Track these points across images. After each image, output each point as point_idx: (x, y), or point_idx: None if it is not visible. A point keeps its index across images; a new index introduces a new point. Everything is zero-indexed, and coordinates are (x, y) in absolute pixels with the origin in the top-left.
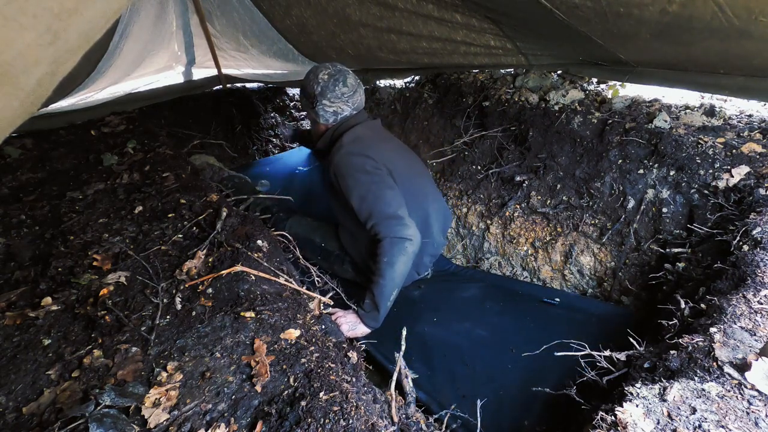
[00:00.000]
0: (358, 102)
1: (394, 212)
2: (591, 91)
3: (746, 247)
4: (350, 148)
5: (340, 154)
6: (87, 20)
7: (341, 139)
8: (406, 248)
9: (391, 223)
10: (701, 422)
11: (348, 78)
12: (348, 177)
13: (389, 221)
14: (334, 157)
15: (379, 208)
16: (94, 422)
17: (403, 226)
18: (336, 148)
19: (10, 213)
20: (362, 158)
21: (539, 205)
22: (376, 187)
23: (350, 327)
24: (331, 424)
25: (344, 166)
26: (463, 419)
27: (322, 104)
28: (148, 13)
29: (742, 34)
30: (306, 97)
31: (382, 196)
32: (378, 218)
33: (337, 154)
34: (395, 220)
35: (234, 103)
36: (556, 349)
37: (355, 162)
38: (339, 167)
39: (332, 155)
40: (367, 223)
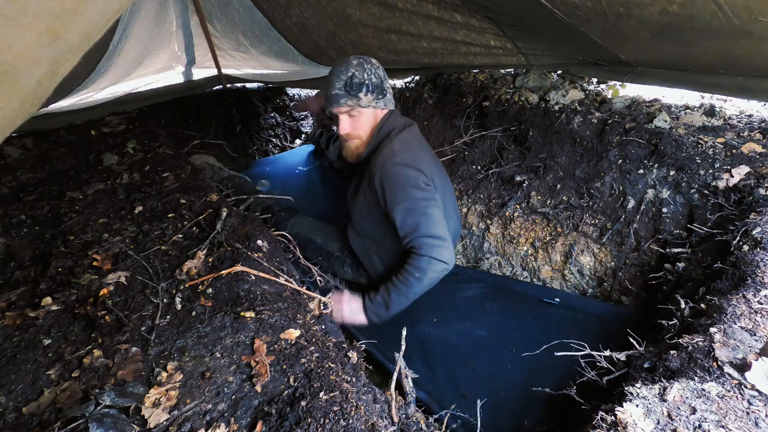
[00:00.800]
0: None
1: (439, 233)
2: (591, 91)
3: (746, 247)
4: (404, 158)
5: (393, 163)
6: (87, 20)
7: (391, 145)
8: (440, 271)
9: (435, 243)
10: (701, 422)
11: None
12: (399, 189)
13: (433, 241)
14: (384, 164)
15: (426, 225)
16: (94, 422)
17: (445, 249)
18: (386, 155)
19: (10, 213)
20: (416, 172)
21: (539, 205)
22: (425, 204)
23: (351, 312)
24: (331, 424)
25: (397, 176)
26: (463, 419)
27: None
28: (148, 13)
29: (742, 34)
30: (372, 89)
31: (430, 214)
32: (422, 235)
33: (389, 163)
34: (439, 241)
35: (234, 103)
36: (556, 349)
37: (409, 175)
38: (390, 176)
39: (381, 162)
40: (408, 236)
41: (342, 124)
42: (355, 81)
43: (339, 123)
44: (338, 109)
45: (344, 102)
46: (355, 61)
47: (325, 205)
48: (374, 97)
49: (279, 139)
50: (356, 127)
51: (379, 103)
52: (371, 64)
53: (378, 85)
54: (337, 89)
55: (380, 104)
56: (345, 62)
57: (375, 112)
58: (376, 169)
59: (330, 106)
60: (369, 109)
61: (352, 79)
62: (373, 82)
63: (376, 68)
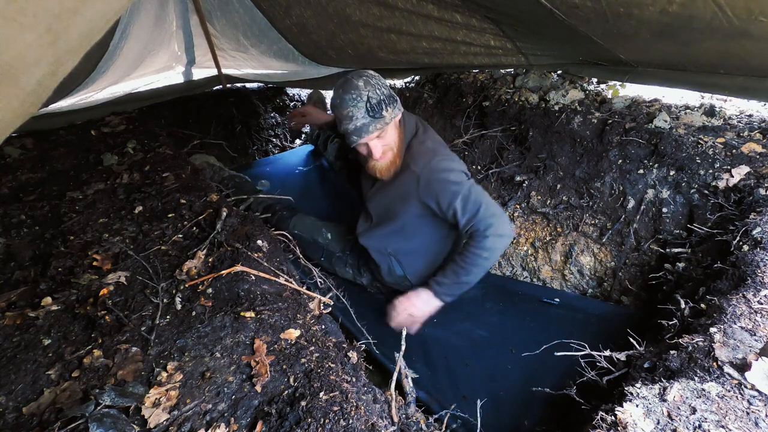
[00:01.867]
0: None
1: (496, 210)
2: (591, 91)
3: (746, 247)
4: (442, 153)
5: (438, 162)
6: (87, 20)
7: (423, 145)
8: (506, 245)
9: (497, 222)
10: (701, 422)
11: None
12: (451, 183)
13: (495, 220)
14: (428, 165)
15: (485, 207)
16: (94, 422)
17: (506, 222)
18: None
19: (10, 213)
20: (457, 163)
21: (539, 205)
22: (476, 188)
23: (423, 303)
24: (331, 424)
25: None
26: (463, 419)
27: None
28: (148, 13)
29: (742, 34)
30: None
31: (483, 195)
32: (484, 217)
33: (433, 162)
34: (499, 218)
35: (234, 103)
36: (556, 350)
37: (453, 167)
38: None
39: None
40: (471, 222)
41: (375, 150)
42: (373, 102)
43: (372, 150)
44: (369, 138)
45: (374, 128)
46: (360, 81)
47: (326, 205)
48: (393, 108)
49: (279, 139)
50: (388, 144)
51: (396, 112)
52: (373, 77)
53: (389, 95)
54: (362, 119)
55: (397, 112)
56: (350, 87)
57: (395, 122)
58: (419, 172)
59: (358, 139)
60: (392, 122)
61: (370, 102)
62: (386, 95)
63: (378, 78)
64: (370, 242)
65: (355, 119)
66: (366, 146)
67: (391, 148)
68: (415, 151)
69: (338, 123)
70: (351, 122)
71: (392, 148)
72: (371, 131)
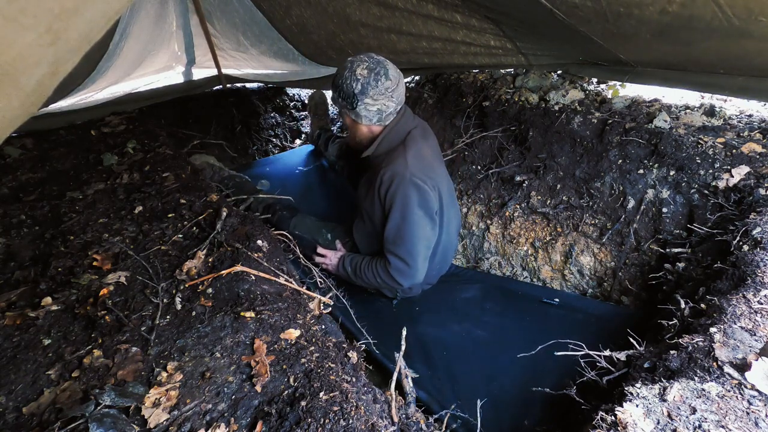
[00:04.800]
0: (401, 95)
1: (414, 261)
2: (591, 91)
3: (746, 247)
4: (415, 171)
5: (404, 178)
6: (87, 20)
7: (405, 155)
8: (392, 287)
9: (404, 268)
10: (701, 422)
11: (389, 69)
12: (401, 206)
13: (404, 266)
14: (395, 175)
15: (407, 249)
16: (94, 422)
17: (410, 277)
18: (397, 165)
19: (10, 213)
20: (423, 191)
21: (539, 205)
22: (417, 230)
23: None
24: (331, 424)
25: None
26: (463, 419)
27: (365, 103)
28: (148, 13)
29: (742, 34)
30: (343, 97)
31: (416, 242)
32: (398, 255)
33: (400, 176)
34: (409, 269)
35: (234, 103)
36: (556, 350)
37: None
38: (398, 189)
39: (392, 171)
40: (387, 246)
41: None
42: (346, 91)
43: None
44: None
45: (336, 106)
46: (363, 70)
47: (326, 205)
48: (358, 115)
49: (279, 139)
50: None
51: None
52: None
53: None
54: (335, 92)
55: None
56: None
57: (359, 126)
58: (385, 179)
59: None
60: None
61: (344, 89)
62: (344, 91)
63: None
64: (362, 241)
65: (334, 87)
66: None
67: (351, 136)
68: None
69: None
70: (334, 89)
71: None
72: (335, 105)
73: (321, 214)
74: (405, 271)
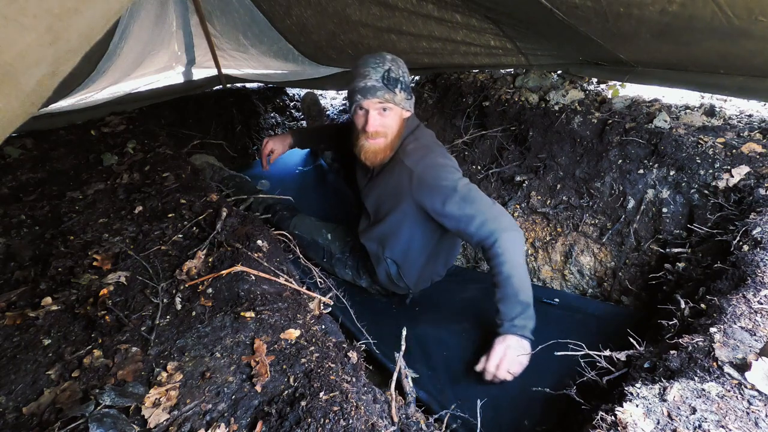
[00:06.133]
0: None
1: (497, 209)
2: (591, 91)
3: (746, 247)
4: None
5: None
6: (88, 20)
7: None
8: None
9: (506, 217)
10: (701, 422)
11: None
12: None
13: (503, 216)
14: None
15: (488, 204)
16: (94, 422)
17: (508, 216)
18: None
19: (10, 213)
20: (452, 161)
21: (539, 205)
22: (472, 187)
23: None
24: (331, 424)
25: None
26: (463, 419)
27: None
28: (148, 13)
29: (742, 34)
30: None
31: (479, 193)
32: (489, 216)
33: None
34: (507, 216)
35: (234, 103)
36: (556, 350)
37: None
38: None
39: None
40: (472, 225)
41: (372, 120)
42: (392, 75)
43: (369, 120)
44: (371, 102)
45: (381, 95)
46: (389, 56)
47: (326, 205)
48: (405, 96)
49: None
50: (385, 125)
51: (407, 104)
52: (403, 62)
53: (409, 84)
54: (375, 80)
55: (407, 105)
56: (378, 55)
57: (401, 113)
58: (413, 167)
59: (362, 99)
60: (398, 108)
61: (389, 73)
62: (406, 81)
63: (406, 67)
64: (369, 243)
65: (368, 78)
66: (365, 114)
67: (385, 134)
68: (409, 147)
69: (351, 83)
70: (363, 80)
71: (386, 135)
72: (377, 96)
73: (321, 213)
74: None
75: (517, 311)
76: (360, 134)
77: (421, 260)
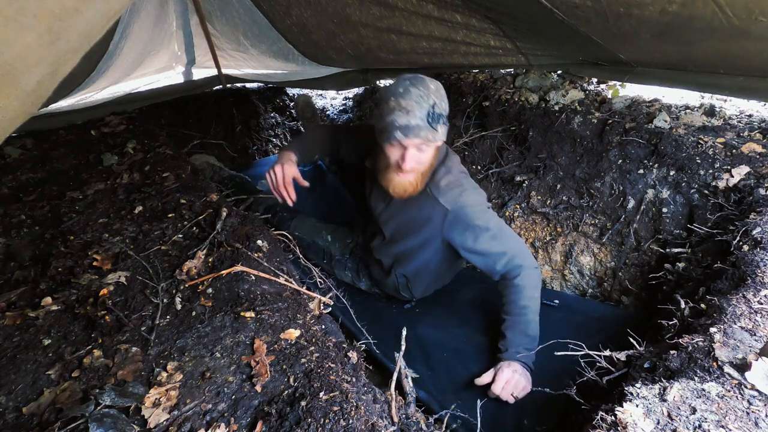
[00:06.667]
0: None
1: (521, 245)
2: (591, 91)
3: (746, 247)
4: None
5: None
6: (87, 20)
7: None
8: (540, 276)
9: (529, 254)
10: (701, 422)
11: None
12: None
13: (527, 252)
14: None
15: (514, 240)
16: (94, 422)
17: (530, 254)
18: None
19: (10, 213)
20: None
21: (539, 205)
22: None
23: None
24: (331, 424)
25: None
26: (463, 419)
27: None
28: (148, 13)
29: (742, 34)
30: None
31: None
32: (516, 252)
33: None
34: (529, 252)
35: (234, 103)
36: (556, 350)
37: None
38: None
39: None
40: (500, 263)
41: (410, 159)
42: (436, 111)
43: (406, 158)
44: (412, 142)
45: (424, 135)
46: (432, 85)
47: (325, 206)
48: (444, 130)
49: (279, 139)
50: (421, 162)
51: (444, 136)
52: (442, 87)
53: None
54: (419, 119)
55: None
56: (421, 84)
57: (437, 144)
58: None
59: (404, 137)
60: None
61: (434, 109)
62: (447, 112)
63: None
64: (385, 259)
65: (411, 115)
66: (401, 151)
67: (420, 170)
68: (441, 180)
69: (384, 112)
70: (405, 116)
71: (420, 170)
72: (420, 137)
73: (320, 214)
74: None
75: (525, 342)
76: (391, 166)
77: (432, 277)
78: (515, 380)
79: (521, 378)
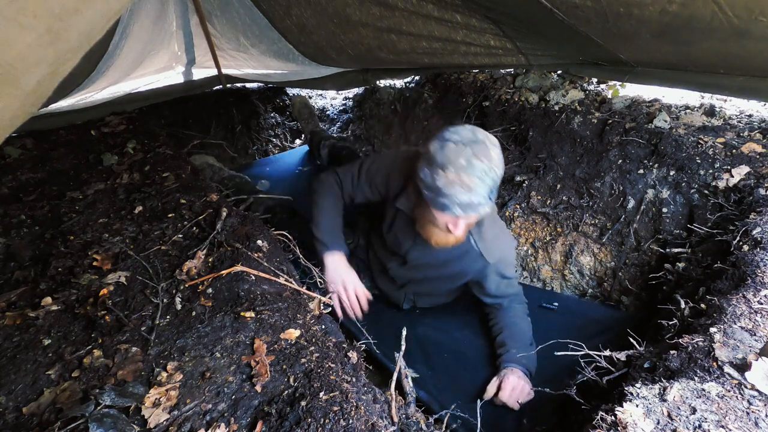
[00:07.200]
0: None
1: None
2: (591, 91)
3: (746, 247)
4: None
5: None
6: (87, 20)
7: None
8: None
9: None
10: (701, 422)
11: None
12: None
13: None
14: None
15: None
16: (94, 422)
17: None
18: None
19: (10, 213)
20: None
21: (539, 205)
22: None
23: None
24: (331, 424)
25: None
26: (463, 419)
27: None
28: (148, 13)
29: (742, 34)
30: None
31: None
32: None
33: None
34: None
35: (234, 103)
36: (556, 350)
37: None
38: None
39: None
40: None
41: (461, 229)
42: (497, 185)
43: (458, 226)
44: (469, 217)
45: (483, 210)
46: (494, 153)
47: None
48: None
49: (279, 139)
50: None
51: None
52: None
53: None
54: (481, 197)
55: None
56: (485, 155)
57: None
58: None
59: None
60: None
61: (495, 182)
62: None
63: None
64: (400, 279)
65: (473, 193)
66: (455, 220)
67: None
68: (486, 231)
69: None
70: (467, 194)
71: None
72: (479, 212)
73: None
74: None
75: (524, 348)
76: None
77: (442, 298)
78: (521, 387)
79: (526, 384)
